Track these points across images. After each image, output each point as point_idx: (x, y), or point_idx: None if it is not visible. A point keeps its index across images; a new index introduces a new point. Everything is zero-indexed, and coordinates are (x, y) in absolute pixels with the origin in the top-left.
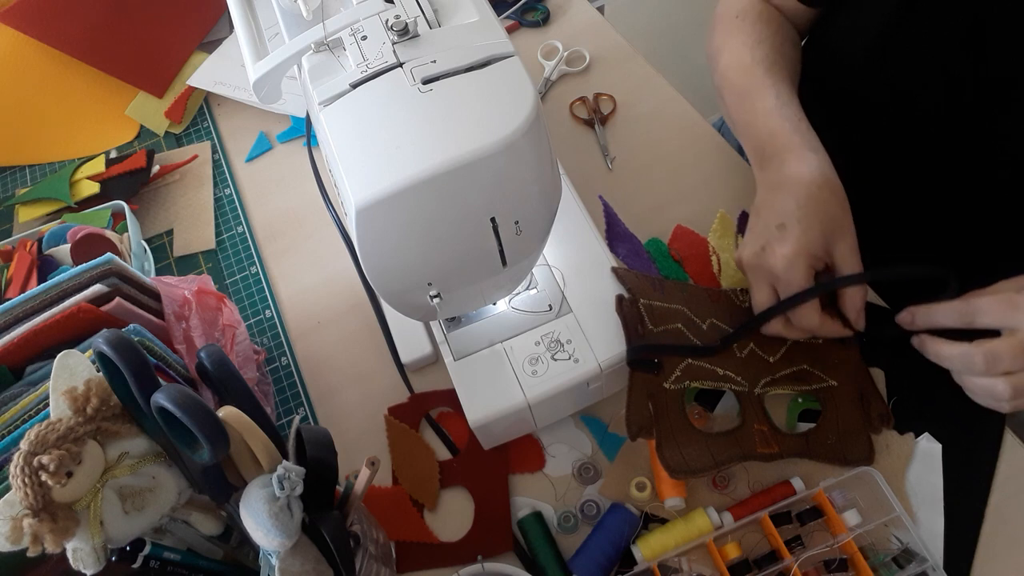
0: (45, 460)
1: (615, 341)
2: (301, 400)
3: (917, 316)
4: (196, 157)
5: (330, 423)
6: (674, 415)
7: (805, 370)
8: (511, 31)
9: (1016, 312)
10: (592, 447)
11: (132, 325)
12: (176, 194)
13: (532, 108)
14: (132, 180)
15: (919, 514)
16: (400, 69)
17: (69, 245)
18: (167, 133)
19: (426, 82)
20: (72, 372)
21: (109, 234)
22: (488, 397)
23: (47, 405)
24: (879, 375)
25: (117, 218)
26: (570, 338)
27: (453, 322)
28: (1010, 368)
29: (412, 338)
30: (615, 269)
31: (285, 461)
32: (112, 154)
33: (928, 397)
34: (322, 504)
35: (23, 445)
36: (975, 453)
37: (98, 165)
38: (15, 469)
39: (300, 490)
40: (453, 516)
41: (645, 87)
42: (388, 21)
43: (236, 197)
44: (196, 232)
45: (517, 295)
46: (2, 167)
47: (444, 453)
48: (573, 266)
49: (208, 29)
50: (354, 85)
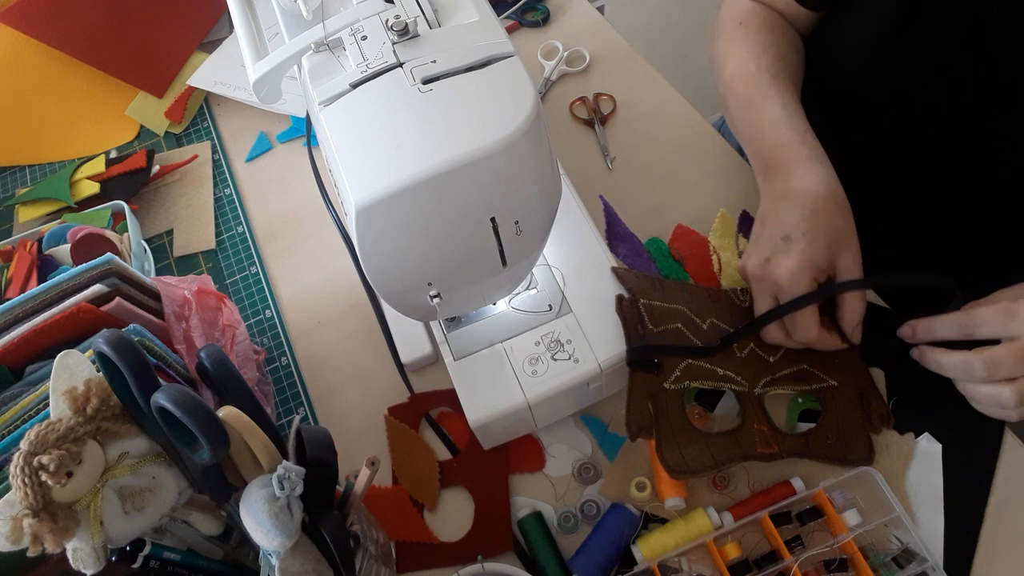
0: (45, 460)
1: (615, 341)
2: (301, 400)
3: (918, 329)
4: (196, 157)
5: (330, 423)
6: (674, 415)
7: (805, 370)
8: (511, 31)
9: (1014, 320)
10: (592, 447)
11: (132, 325)
12: (176, 194)
13: (532, 108)
14: (132, 180)
15: (919, 514)
16: (400, 69)
17: (69, 245)
18: (167, 133)
19: (426, 82)
20: (72, 372)
21: (109, 234)
22: (488, 397)
23: (47, 405)
24: (879, 375)
25: (117, 218)
26: (570, 338)
27: (453, 322)
28: (1011, 374)
29: (412, 338)
30: (615, 269)
31: (285, 461)
32: (112, 154)
33: (928, 397)
34: (322, 504)
35: (23, 445)
36: (975, 453)
37: (98, 165)
38: (15, 469)
39: (300, 490)
40: (453, 516)
41: (645, 87)
42: (388, 21)
43: (236, 197)
44: (196, 232)
45: (517, 295)
46: (2, 167)
47: (444, 453)
48: (573, 266)
49: (208, 29)
50: (354, 85)
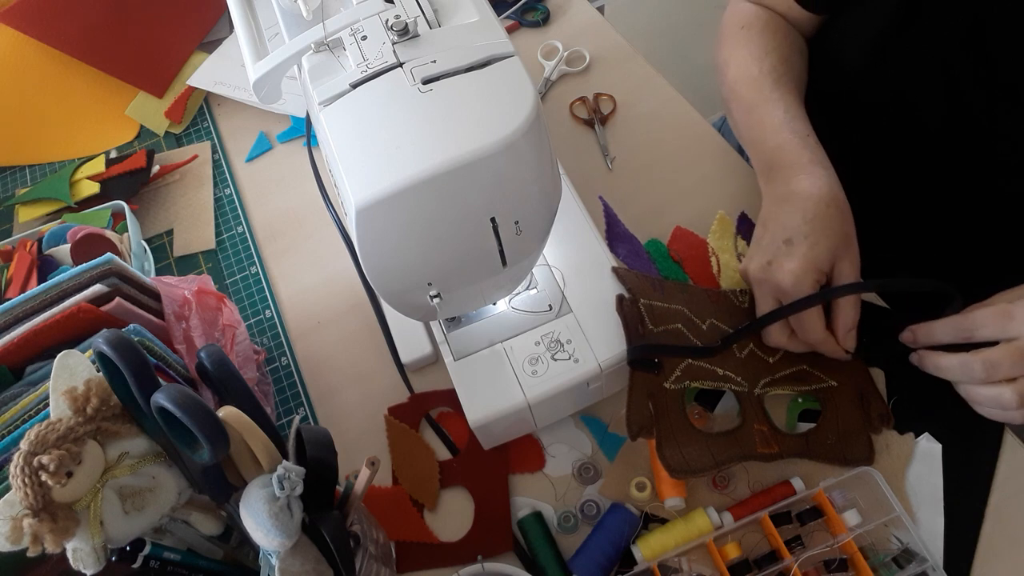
0: (45, 460)
1: (615, 341)
2: (301, 400)
3: (919, 334)
4: (196, 157)
5: (330, 423)
6: (674, 415)
7: (805, 370)
8: (511, 31)
9: (1011, 321)
10: (592, 447)
11: (132, 325)
12: (176, 194)
13: (532, 108)
14: (132, 180)
15: (919, 514)
16: (400, 69)
17: (69, 245)
18: (167, 133)
19: (426, 82)
20: (72, 372)
21: (109, 234)
22: (488, 397)
23: (47, 405)
24: (879, 375)
25: (117, 218)
26: (570, 338)
27: (453, 322)
28: (1010, 374)
29: (412, 338)
30: (615, 269)
31: (285, 461)
32: (112, 154)
33: (928, 397)
34: (322, 504)
35: (23, 445)
36: (975, 453)
37: (98, 165)
38: (15, 469)
39: (300, 490)
40: (453, 516)
41: (645, 87)
42: (388, 21)
43: (236, 197)
44: (196, 232)
45: (517, 295)
46: (2, 167)
47: (444, 453)
48: (573, 266)
49: (208, 29)
50: (354, 85)
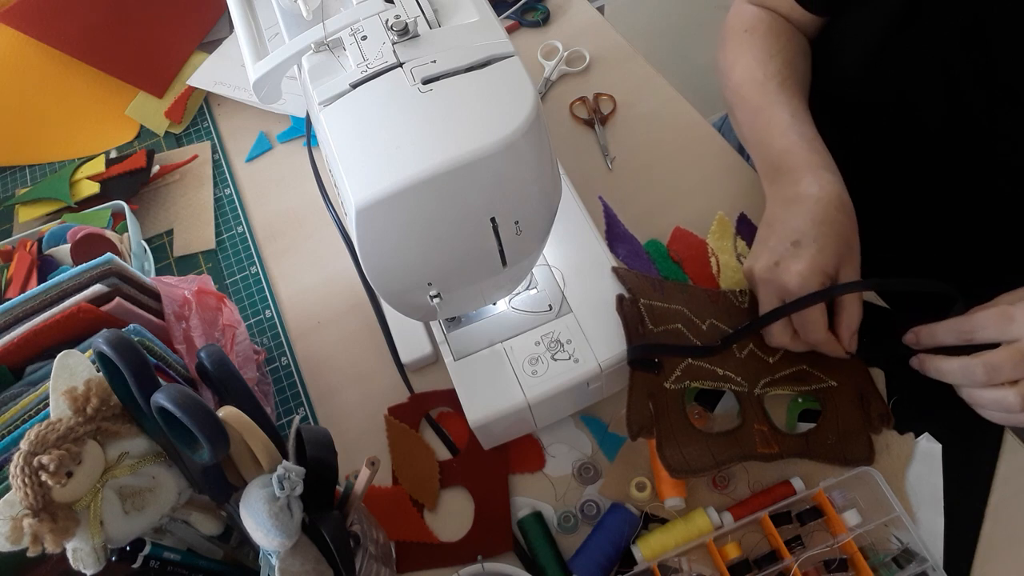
0: (45, 460)
1: (615, 341)
2: (301, 400)
3: (921, 336)
4: (196, 157)
5: (330, 423)
6: (674, 415)
7: (804, 370)
8: (511, 31)
9: (1012, 323)
10: (592, 447)
11: (132, 325)
12: (176, 194)
13: (532, 108)
14: (132, 180)
15: (919, 514)
16: (400, 69)
17: (69, 245)
18: (167, 133)
19: (426, 82)
20: (72, 372)
21: (109, 234)
22: (488, 397)
23: (47, 405)
24: (879, 375)
25: (117, 218)
26: (570, 338)
27: (453, 322)
28: (1012, 376)
29: (412, 338)
30: (615, 269)
31: (285, 461)
32: (112, 154)
33: (928, 397)
34: (322, 504)
35: (23, 445)
36: (975, 453)
37: (98, 165)
38: (15, 469)
39: (300, 490)
40: (453, 516)
41: (645, 87)
42: (388, 21)
43: (236, 197)
44: (196, 232)
45: (517, 295)
46: (2, 167)
47: (444, 453)
48: (573, 266)
49: (208, 29)
50: (354, 85)
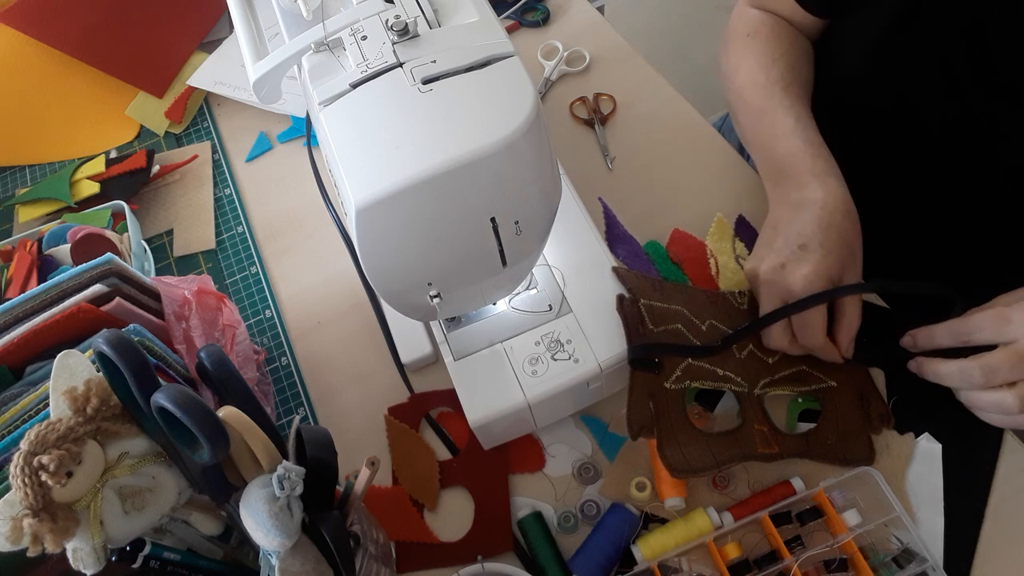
0: (45, 460)
1: (615, 341)
2: (301, 400)
3: (918, 338)
4: (196, 157)
5: (330, 423)
6: (675, 415)
7: (804, 371)
8: (511, 31)
9: (1008, 325)
10: (592, 447)
11: (132, 325)
12: (176, 194)
13: (532, 108)
14: (132, 180)
15: (919, 514)
16: (400, 69)
17: (69, 245)
18: (167, 133)
19: (426, 82)
20: (72, 372)
21: (109, 234)
22: (488, 397)
23: (47, 405)
24: (879, 375)
25: (117, 218)
26: (570, 338)
27: (453, 322)
28: (1009, 378)
29: (412, 338)
30: (616, 269)
31: (285, 461)
32: (112, 154)
33: (928, 397)
34: (322, 504)
35: (23, 445)
36: (975, 453)
37: (98, 165)
38: (15, 469)
39: (300, 490)
40: (453, 516)
41: (645, 87)
42: (388, 21)
43: (236, 197)
44: (196, 232)
45: (517, 295)
46: (2, 167)
47: (444, 453)
48: (573, 266)
49: (208, 29)
50: (354, 85)
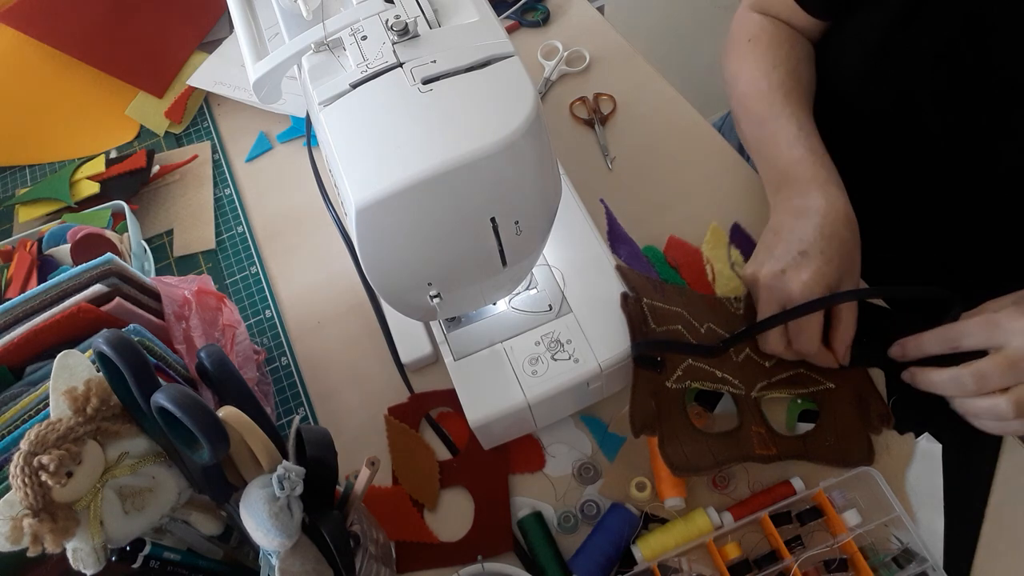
0: (45, 460)
1: (615, 341)
2: (301, 400)
3: (908, 347)
4: (196, 157)
5: (330, 423)
6: (676, 414)
7: (802, 374)
8: (511, 31)
9: (996, 330)
10: (592, 447)
11: (132, 325)
12: (176, 194)
13: (532, 108)
14: (132, 180)
15: (919, 514)
16: (400, 69)
17: (69, 245)
18: (167, 133)
19: (426, 82)
20: (72, 372)
21: (109, 234)
22: (488, 397)
23: (47, 405)
24: (879, 375)
25: (117, 218)
26: (570, 338)
27: (453, 322)
28: (1001, 384)
29: (412, 338)
30: (619, 266)
31: (285, 461)
32: (112, 154)
33: (928, 397)
34: (322, 504)
35: (23, 445)
36: (975, 453)
37: (98, 165)
38: (15, 469)
39: (300, 490)
40: (453, 516)
41: (645, 87)
42: (388, 21)
43: (236, 197)
44: (196, 232)
45: (517, 295)
46: (2, 167)
47: (444, 453)
48: (573, 266)
49: (208, 29)
50: (354, 85)
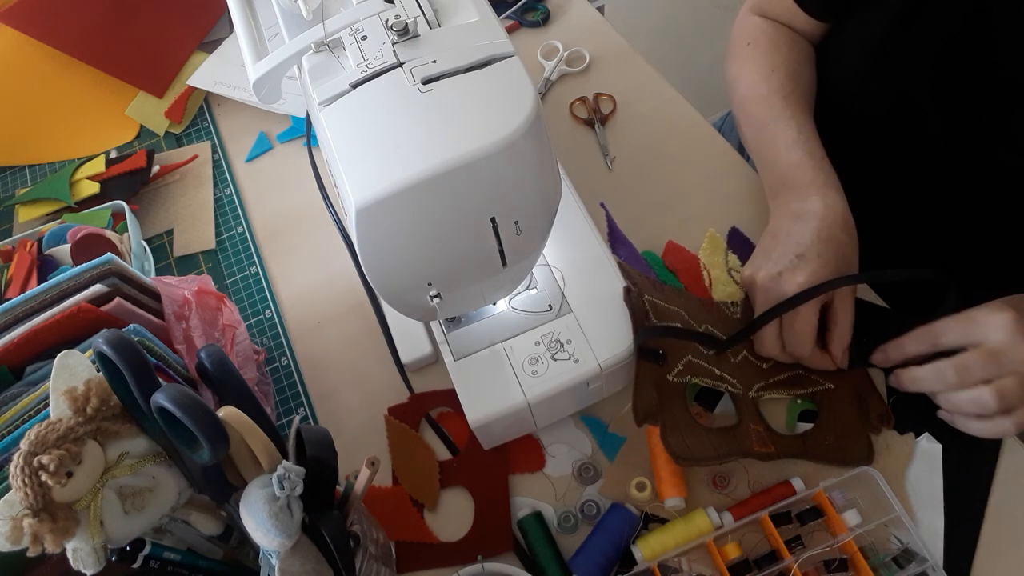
0: (45, 460)
1: (615, 341)
2: (301, 400)
3: (889, 351)
4: (196, 157)
5: (330, 423)
6: (677, 406)
7: (800, 374)
8: (511, 31)
9: (973, 326)
10: (592, 447)
11: (132, 325)
12: (176, 194)
13: (532, 108)
14: (132, 180)
15: (919, 514)
16: (400, 69)
17: (69, 245)
18: (167, 133)
19: (426, 82)
20: (72, 372)
21: (109, 234)
22: (488, 397)
23: (47, 405)
24: (879, 375)
25: (117, 218)
26: (570, 338)
27: (453, 322)
28: (982, 376)
29: (412, 338)
30: (621, 264)
31: (285, 461)
32: (112, 154)
33: (927, 397)
34: (322, 504)
35: (23, 445)
36: (975, 453)
37: (98, 165)
38: (15, 469)
39: (300, 490)
40: (453, 516)
41: (645, 87)
42: (388, 21)
43: (236, 197)
44: (196, 232)
45: (517, 295)
46: (2, 167)
47: (444, 453)
48: (573, 266)
49: (208, 29)
50: (354, 85)
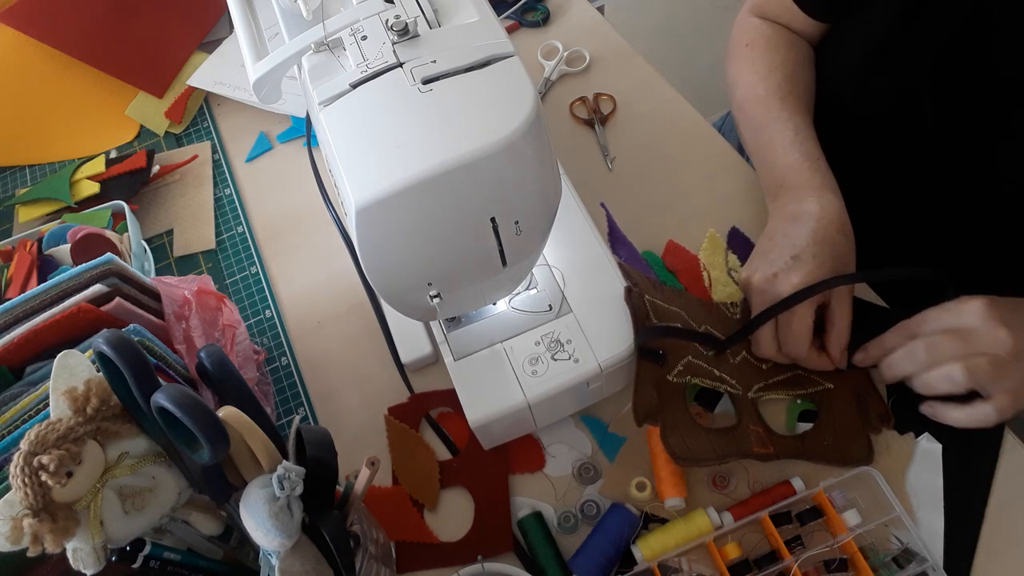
0: (45, 460)
1: (615, 341)
2: (301, 400)
3: (870, 349)
4: (196, 157)
5: (330, 423)
6: (677, 406)
7: (800, 375)
8: (511, 31)
9: (948, 313)
10: (592, 447)
11: (132, 325)
12: (176, 194)
13: (532, 108)
14: (132, 180)
15: (919, 514)
16: (400, 69)
17: (69, 245)
18: (167, 133)
19: (426, 82)
20: (72, 372)
21: (109, 234)
22: (488, 397)
23: (47, 405)
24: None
25: (117, 218)
26: (570, 338)
27: (453, 322)
28: (952, 353)
29: (412, 338)
30: (621, 264)
31: (285, 461)
32: (112, 154)
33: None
34: (322, 504)
35: (23, 445)
36: (975, 453)
37: (98, 165)
38: (15, 469)
39: (300, 490)
40: (453, 516)
41: (645, 87)
42: (388, 21)
43: (236, 197)
44: (196, 232)
45: (517, 295)
46: (2, 167)
47: (444, 453)
48: (573, 266)
49: (208, 29)
50: (354, 85)
